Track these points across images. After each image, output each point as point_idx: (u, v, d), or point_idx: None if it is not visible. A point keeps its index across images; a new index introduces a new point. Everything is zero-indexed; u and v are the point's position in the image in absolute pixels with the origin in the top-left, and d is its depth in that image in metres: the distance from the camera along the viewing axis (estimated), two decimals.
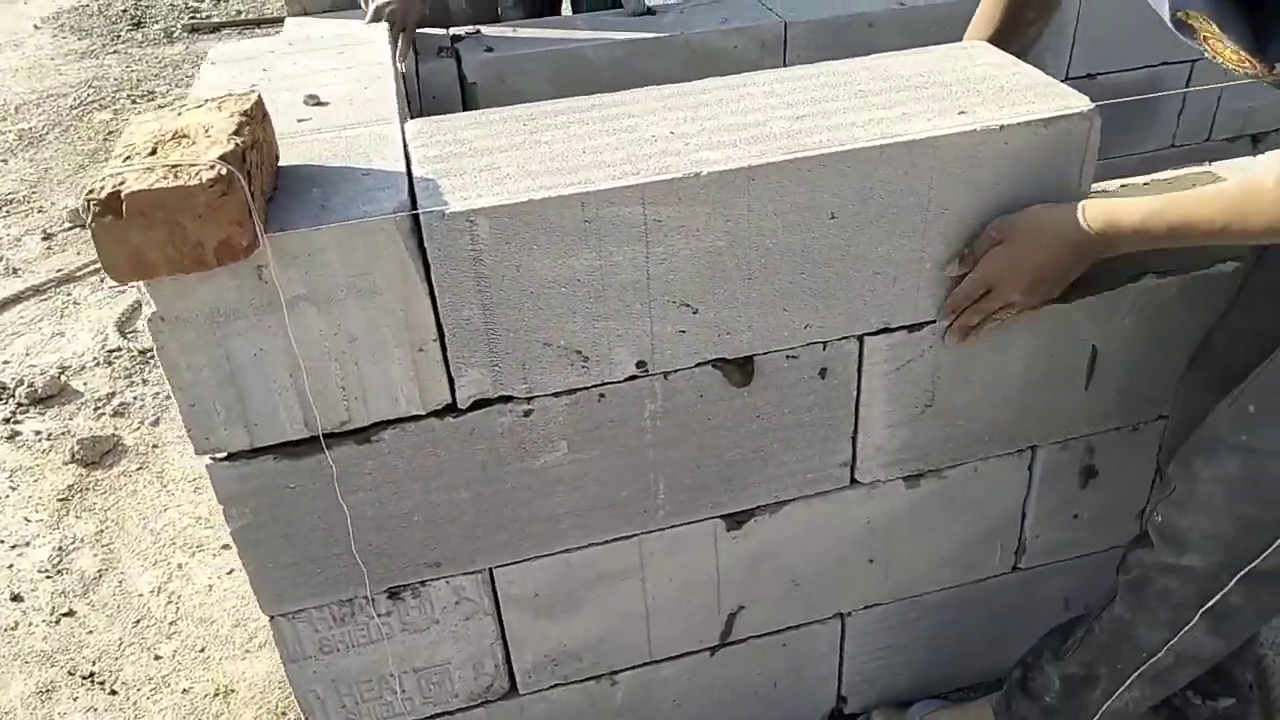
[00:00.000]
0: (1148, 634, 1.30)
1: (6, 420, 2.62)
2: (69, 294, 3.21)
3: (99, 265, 3.10)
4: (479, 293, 1.11)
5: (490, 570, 1.34)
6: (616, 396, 1.23)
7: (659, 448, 1.29)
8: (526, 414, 1.22)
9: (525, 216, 1.08)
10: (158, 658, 1.93)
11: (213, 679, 1.88)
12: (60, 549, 2.20)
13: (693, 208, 1.12)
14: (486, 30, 2.26)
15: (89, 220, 0.92)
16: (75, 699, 1.87)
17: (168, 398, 2.65)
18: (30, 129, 4.65)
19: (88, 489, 2.37)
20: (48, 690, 1.89)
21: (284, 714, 1.79)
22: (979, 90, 1.24)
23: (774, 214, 1.15)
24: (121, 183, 0.92)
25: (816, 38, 2.30)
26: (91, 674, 1.91)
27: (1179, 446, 1.26)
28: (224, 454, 1.15)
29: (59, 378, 2.74)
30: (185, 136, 1.02)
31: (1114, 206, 1.14)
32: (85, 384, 2.74)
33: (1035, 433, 1.44)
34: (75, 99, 4.96)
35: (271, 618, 1.28)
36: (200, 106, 1.09)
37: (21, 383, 2.72)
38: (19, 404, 2.66)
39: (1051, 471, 1.48)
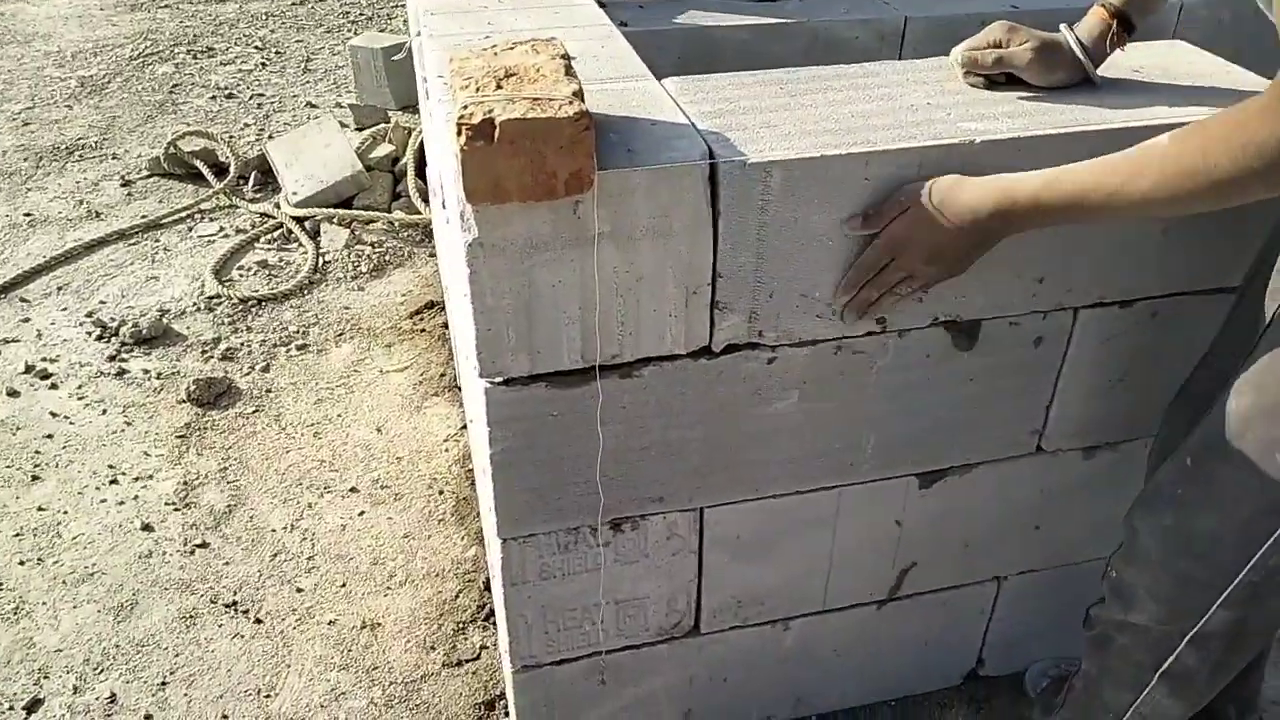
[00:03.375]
0: (1113, 694, 1.31)
1: (112, 358, 2.65)
2: (157, 240, 3.24)
3: (184, 214, 3.15)
4: (757, 241, 1.18)
5: (701, 510, 1.41)
6: (852, 350, 1.31)
7: (878, 403, 1.36)
8: (770, 361, 1.29)
9: (815, 170, 1.15)
10: (299, 590, 1.98)
11: (357, 612, 1.93)
12: (185, 483, 2.24)
13: (959, 173, 1.20)
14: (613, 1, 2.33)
15: (460, 143, 0.98)
16: (220, 625, 1.92)
17: (275, 345, 2.70)
18: (90, 76, 4.65)
19: (205, 428, 2.41)
20: (191, 616, 1.93)
21: (432, 648, 1.85)
22: (1216, 81, 1.32)
23: None
24: (490, 111, 0.99)
25: (933, 33, 2.39)
26: (234, 603, 1.96)
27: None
28: (502, 379, 1.21)
29: (161, 320, 2.77)
30: (515, 75, 1.08)
31: (1011, 181, 1.09)
32: (188, 328, 2.77)
33: None
34: (133, 50, 4.96)
35: (504, 540, 1.35)
36: (513, 48, 1.15)
37: (124, 322, 2.76)
38: (123, 343, 2.69)
39: None
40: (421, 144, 3.34)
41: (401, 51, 2.50)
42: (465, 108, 0.99)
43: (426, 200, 3.20)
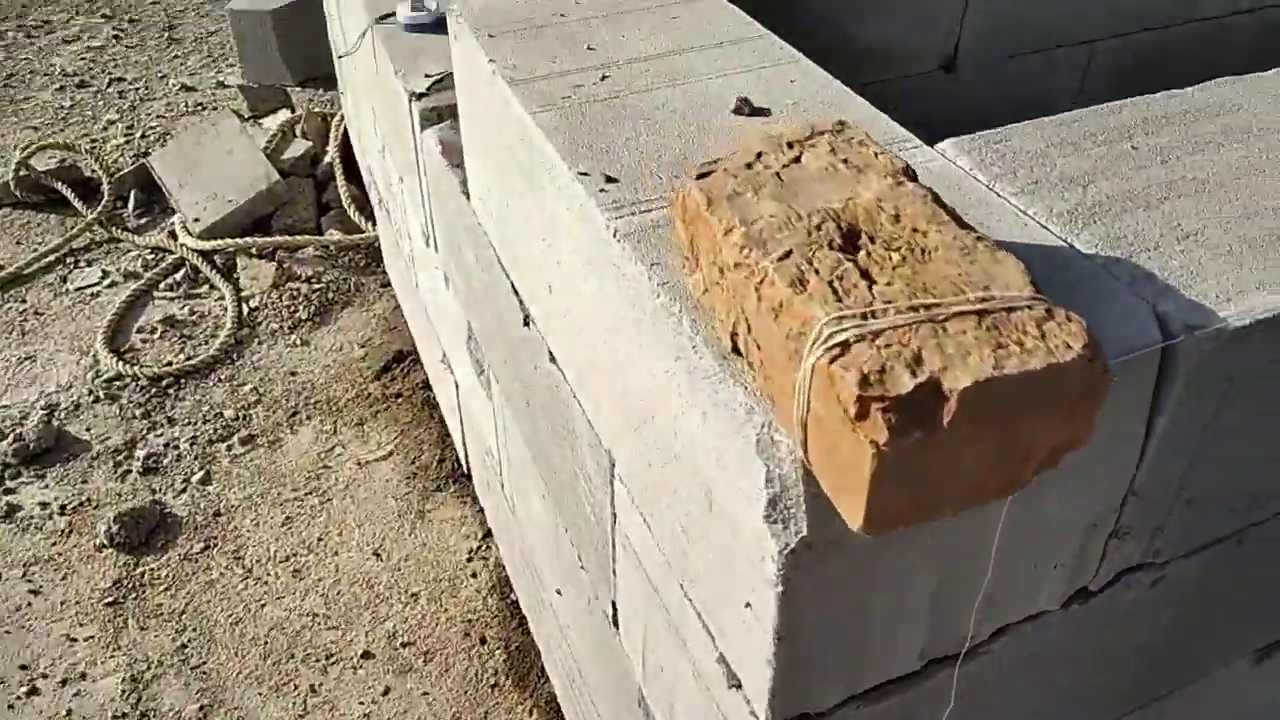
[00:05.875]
0: None
1: None
2: (23, 300, 2.51)
3: (52, 257, 2.37)
4: (1200, 439, 0.70)
5: None
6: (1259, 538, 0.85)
7: None
8: (1153, 584, 0.83)
9: None
10: None
11: None
12: (134, 679, 1.65)
13: None
14: None
15: (864, 436, 0.46)
16: None
17: (211, 441, 2.08)
18: None
19: (143, 584, 1.80)
20: None
21: None
22: None
23: None
24: (919, 363, 0.46)
25: None
26: None
27: None
28: (796, 714, 0.71)
29: (50, 424, 2.11)
30: (863, 232, 0.55)
31: None
32: (88, 429, 2.12)
33: None
34: None
35: None
36: (797, 153, 0.62)
37: (2, 435, 2.08)
38: (6, 464, 2.03)
39: None
40: (345, 134, 2.69)
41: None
42: (844, 347, 0.46)
43: (364, 210, 2.57)
